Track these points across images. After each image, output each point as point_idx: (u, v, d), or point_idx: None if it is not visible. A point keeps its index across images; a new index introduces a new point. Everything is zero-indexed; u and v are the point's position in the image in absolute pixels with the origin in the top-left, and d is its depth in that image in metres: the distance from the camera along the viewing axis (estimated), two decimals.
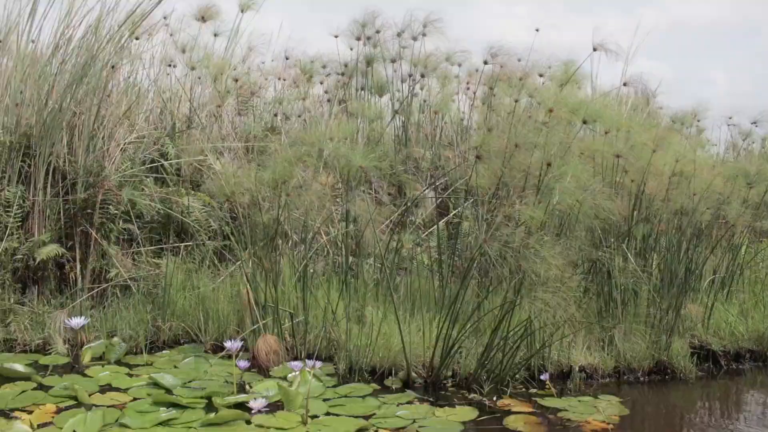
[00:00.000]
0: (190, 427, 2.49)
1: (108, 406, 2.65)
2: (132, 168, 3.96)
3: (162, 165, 4.14)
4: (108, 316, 3.60)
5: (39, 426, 2.46)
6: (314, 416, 2.61)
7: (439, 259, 3.65)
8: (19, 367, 3.05)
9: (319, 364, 2.91)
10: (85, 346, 3.38)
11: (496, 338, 2.87)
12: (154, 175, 4.20)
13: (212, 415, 2.54)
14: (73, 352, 3.35)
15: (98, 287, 3.70)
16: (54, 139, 3.74)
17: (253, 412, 2.61)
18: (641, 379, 3.15)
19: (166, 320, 3.51)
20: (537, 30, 4.57)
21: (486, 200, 3.56)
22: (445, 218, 4.28)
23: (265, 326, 3.28)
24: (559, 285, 2.47)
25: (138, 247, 3.93)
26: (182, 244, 4.04)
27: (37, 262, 3.63)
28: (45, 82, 3.81)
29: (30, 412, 2.59)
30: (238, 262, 3.97)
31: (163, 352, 3.42)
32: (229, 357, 3.36)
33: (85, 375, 3.06)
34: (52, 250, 3.65)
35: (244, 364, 2.91)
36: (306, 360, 2.99)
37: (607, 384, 3.10)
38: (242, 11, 4.73)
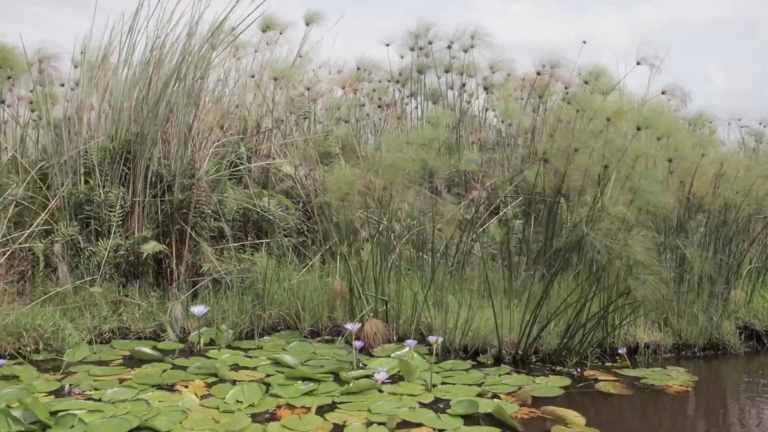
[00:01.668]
0: (333, 396, 2.93)
1: (249, 381, 3.08)
2: (220, 171, 4.38)
3: (240, 168, 4.56)
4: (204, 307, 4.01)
5: (201, 397, 2.89)
6: (433, 385, 3.08)
7: (508, 252, 4.14)
8: (149, 351, 3.47)
9: (413, 342, 3.39)
10: (193, 333, 3.81)
11: (579, 319, 3.37)
12: (234, 177, 4.62)
13: (350, 385, 2.99)
14: (186, 338, 3.77)
15: (201, 280, 4.10)
16: (151, 145, 4.15)
17: (378, 383, 3.06)
18: (697, 354, 3.68)
19: (265, 309, 3.94)
20: (584, 42, 5.07)
21: (551, 199, 4.07)
22: (498, 216, 4.78)
23: (362, 312, 3.73)
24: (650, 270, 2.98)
25: (225, 244, 4.35)
26: (264, 240, 4.48)
27: (143, 257, 4.04)
28: (141, 94, 4.21)
29: (185, 386, 3.01)
30: (317, 256, 4.43)
31: (264, 338, 3.85)
32: (328, 341, 3.83)
33: (207, 357, 3.48)
34: (154, 246, 4.05)
35: (359, 344, 3.35)
36: (406, 341, 3.45)
37: (668, 358, 3.62)
38: (307, 24, 5.17)
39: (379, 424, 2.62)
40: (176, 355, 3.48)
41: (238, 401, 2.82)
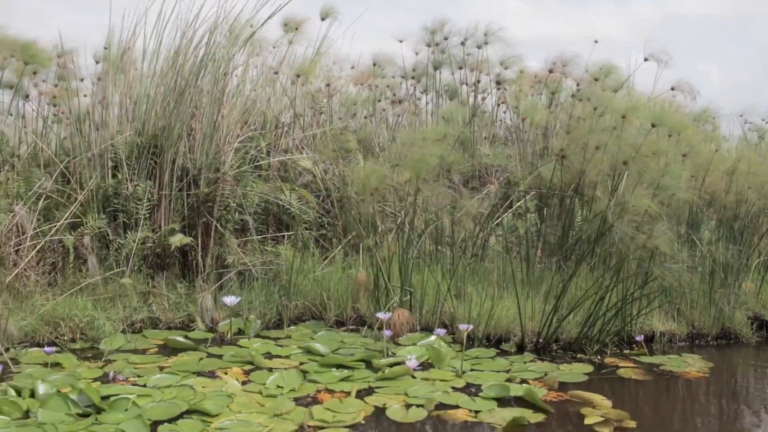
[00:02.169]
0: (368, 381, 3.08)
1: (285, 368, 3.22)
2: (243, 166, 4.51)
3: (259, 162, 4.69)
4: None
5: (242, 383, 3.03)
6: (463, 372, 3.23)
7: (527, 244, 4.29)
8: (183, 340, 3.61)
9: (442, 331, 3.54)
10: (221, 323, 3.94)
11: (600, 309, 3.54)
12: (255, 171, 4.75)
13: (384, 371, 3.14)
14: (214, 328, 3.90)
15: (227, 272, 4.24)
16: (177, 140, 4.27)
17: (411, 369, 3.21)
18: (710, 342, 3.85)
19: (291, 300, 4.08)
20: (596, 42, 5.23)
21: (564, 194, 4.23)
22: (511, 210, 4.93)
23: (387, 302, 3.87)
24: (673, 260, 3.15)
25: (249, 237, 4.48)
26: (286, 233, 4.62)
27: (171, 249, 4.17)
28: (167, 89, 4.33)
29: (225, 373, 3.15)
30: (337, 248, 4.56)
31: (291, 327, 3.99)
32: (352, 330, 3.97)
33: (239, 346, 3.62)
34: (182, 239, 4.18)
35: (388, 332, 3.50)
36: (436, 330, 3.60)
37: (683, 347, 3.79)
38: (323, 19, 5.30)
39: (418, 406, 2.77)
40: (209, 344, 3.61)
41: (278, 386, 2.96)
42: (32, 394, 2.79)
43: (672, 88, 4.84)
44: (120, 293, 3.97)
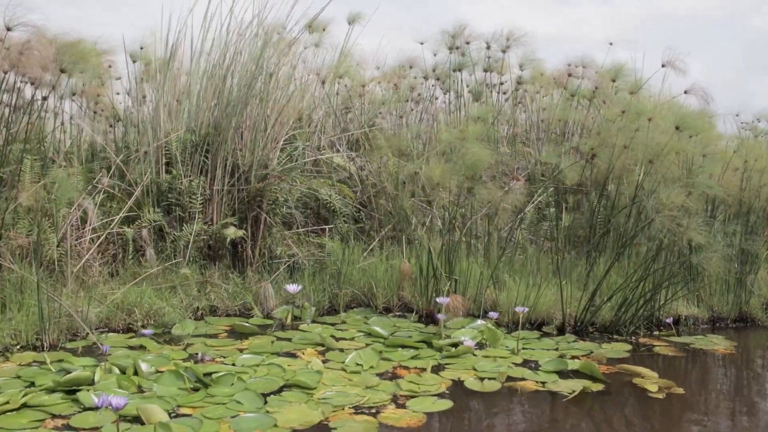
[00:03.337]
0: (436, 359, 3.44)
1: (355, 349, 3.57)
2: (288, 163, 4.83)
3: (306, 160, 5.02)
4: (282, 287, 4.48)
5: (322, 362, 3.37)
6: (518, 350, 3.61)
7: (556, 236, 4.70)
8: (249, 325, 3.93)
9: (496, 314, 3.92)
10: (276, 310, 4.27)
11: (635, 295, 3.96)
12: (296, 168, 5.08)
13: (451, 350, 3.51)
14: (269, 316, 4.22)
15: (277, 262, 4.56)
16: (228, 138, 4.58)
17: (472, 348, 3.58)
18: (730, 325, 4.30)
19: (341, 288, 4.42)
20: (611, 44, 5.66)
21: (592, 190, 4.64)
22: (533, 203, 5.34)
23: (435, 290, 4.24)
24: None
25: (294, 229, 4.81)
26: (328, 226, 4.96)
27: (226, 242, 4.49)
28: (218, 90, 4.64)
29: (302, 354, 3.49)
30: (375, 240, 4.91)
31: (342, 314, 4.34)
32: (399, 316, 4.33)
33: (301, 330, 3.95)
34: (235, 231, 4.50)
35: (442, 316, 3.87)
36: (490, 313, 3.98)
37: (705, 329, 4.23)
38: (349, 23, 5.64)
39: (490, 378, 3.14)
40: (273, 330, 3.94)
41: (357, 364, 3.31)
42: (135, 372, 3.10)
43: (685, 92, 5.28)
44: (178, 283, 4.27)
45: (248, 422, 2.57)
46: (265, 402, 2.78)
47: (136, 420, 2.56)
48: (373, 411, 2.72)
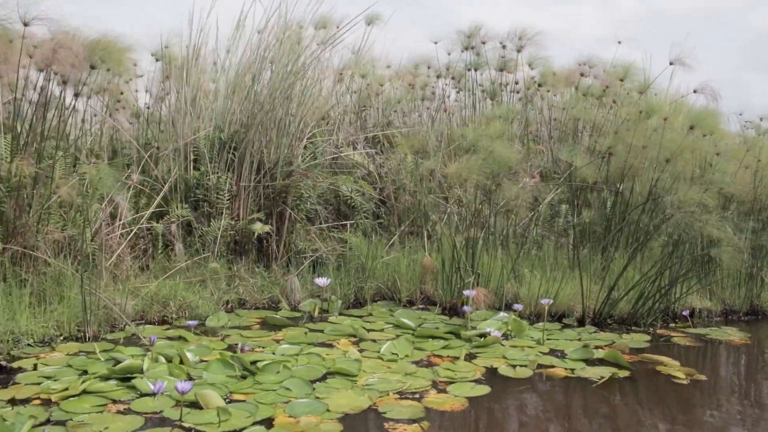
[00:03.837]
0: (466, 348, 3.61)
1: (386, 339, 3.73)
2: (312, 160, 5.00)
3: (330, 157, 5.19)
4: (307, 281, 4.64)
5: (359, 352, 3.54)
6: (545, 339, 3.80)
7: (574, 232, 4.89)
8: (280, 317, 4.09)
9: (520, 306, 4.10)
10: (303, 303, 4.44)
11: (652, 289, 4.15)
12: (317, 165, 5.24)
13: (480, 340, 3.69)
14: (296, 308, 4.38)
15: (302, 257, 4.72)
16: (256, 137, 4.74)
17: (500, 338, 3.76)
18: (742, 318, 4.51)
19: (367, 282, 4.59)
20: (619, 42, 5.86)
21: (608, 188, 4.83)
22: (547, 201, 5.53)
23: (459, 283, 4.41)
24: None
25: (317, 225, 4.97)
26: (349, 222, 5.12)
27: (254, 236, 4.64)
28: (246, 89, 4.79)
29: (337, 344, 3.65)
30: (395, 236, 5.08)
31: (367, 307, 4.51)
32: (423, 309, 4.51)
33: (330, 322, 4.12)
34: (262, 227, 4.66)
35: (468, 308, 4.05)
36: (515, 305, 4.16)
37: (718, 321, 4.43)
38: (368, 24, 5.80)
39: (521, 366, 3.33)
40: (304, 321, 4.11)
41: (392, 353, 3.48)
42: (180, 362, 3.25)
43: (695, 91, 5.48)
44: (207, 277, 4.42)
45: (301, 407, 2.73)
46: (313, 389, 2.94)
47: (194, 405, 2.72)
48: (417, 396, 2.89)
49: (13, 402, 2.74)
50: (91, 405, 2.72)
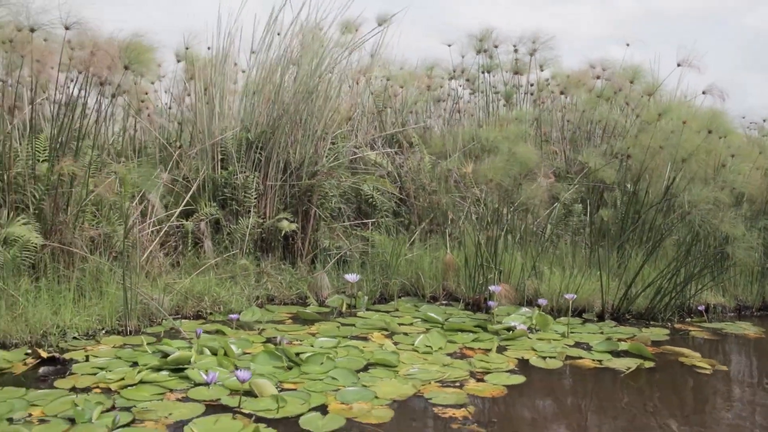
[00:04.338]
0: (495, 341, 3.81)
1: (417, 333, 3.92)
2: (336, 161, 5.17)
3: (353, 157, 5.37)
4: (332, 277, 4.82)
5: (394, 344, 3.72)
6: (570, 333, 3.99)
7: (591, 230, 5.09)
8: (311, 312, 4.27)
9: (544, 301, 4.30)
10: (330, 299, 4.62)
11: (669, 285, 4.35)
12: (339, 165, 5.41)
13: (507, 333, 3.88)
14: (323, 304, 4.56)
15: (328, 254, 4.90)
16: (282, 137, 4.91)
17: (527, 332, 3.95)
18: (755, 313, 4.72)
19: (392, 279, 4.77)
20: (627, 45, 6.07)
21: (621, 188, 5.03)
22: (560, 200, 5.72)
23: (482, 279, 4.60)
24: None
25: (341, 223, 5.14)
26: (371, 220, 5.30)
27: (281, 234, 4.82)
28: (273, 91, 4.96)
29: (371, 337, 3.83)
30: (416, 233, 5.27)
31: (392, 302, 4.69)
32: (446, 305, 4.69)
33: (360, 317, 4.29)
34: (289, 225, 4.83)
35: (493, 303, 4.24)
36: (539, 300, 4.35)
37: (731, 317, 4.64)
38: (379, 24, 5.97)
39: (551, 357, 3.52)
40: (334, 316, 4.28)
41: (426, 345, 3.66)
42: (225, 353, 3.42)
43: (703, 92, 5.69)
44: (236, 273, 4.59)
45: (352, 394, 2.91)
46: (358, 378, 3.12)
47: (248, 394, 2.89)
48: (457, 384, 3.08)
49: (74, 390, 2.90)
50: (150, 393, 2.89)
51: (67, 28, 3.95)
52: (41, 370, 3.14)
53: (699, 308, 4.46)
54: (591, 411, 2.93)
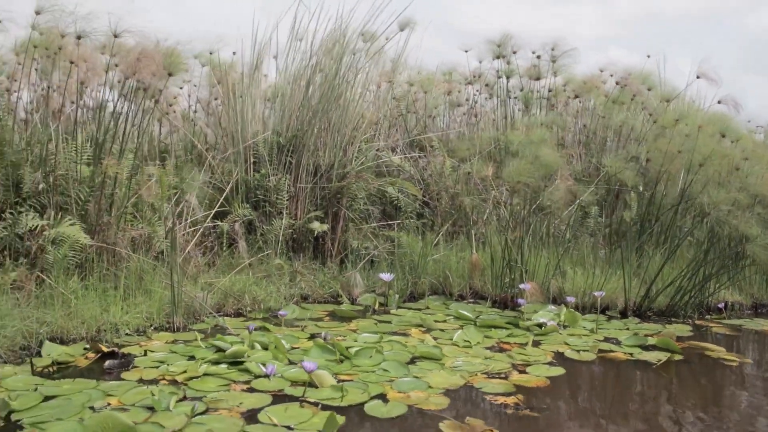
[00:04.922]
0: (528, 337, 4.04)
1: (455, 329, 4.14)
2: (364, 164, 5.39)
3: (381, 161, 5.59)
4: (363, 276, 5.03)
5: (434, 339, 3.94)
6: (597, 329, 4.23)
7: (610, 231, 5.34)
8: (347, 309, 4.49)
9: (572, 299, 4.53)
10: (361, 297, 4.83)
11: (690, 284, 4.61)
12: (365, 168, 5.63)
13: (539, 329, 4.11)
14: (355, 302, 4.78)
15: (361, 253, 5.12)
16: (312, 141, 5.13)
17: (558, 328, 4.18)
18: None
19: (421, 278, 5.00)
20: (648, 56, 6.33)
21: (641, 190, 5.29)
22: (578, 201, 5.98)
23: (509, 279, 4.83)
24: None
25: (368, 224, 5.37)
26: (396, 222, 5.53)
27: (314, 235, 5.03)
28: (303, 96, 5.18)
29: (410, 333, 4.06)
30: (440, 234, 5.49)
31: (420, 301, 4.91)
32: (473, 303, 4.92)
33: (394, 314, 4.51)
34: (320, 226, 5.04)
35: (522, 301, 4.47)
36: (567, 298, 4.58)
37: (749, 314, 4.90)
38: (401, 29, 6.20)
39: (584, 351, 3.75)
40: (369, 313, 4.50)
41: (465, 340, 3.89)
42: (275, 347, 3.63)
43: (719, 102, 5.96)
44: (271, 272, 4.80)
45: (406, 384, 3.13)
46: (408, 370, 3.34)
47: (308, 385, 3.10)
48: (502, 375, 3.31)
49: (142, 381, 3.10)
50: (216, 385, 3.09)
51: (116, 36, 4.15)
52: (106, 363, 3.33)
53: (718, 306, 4.70)
54: (632, 398, 3.17)
